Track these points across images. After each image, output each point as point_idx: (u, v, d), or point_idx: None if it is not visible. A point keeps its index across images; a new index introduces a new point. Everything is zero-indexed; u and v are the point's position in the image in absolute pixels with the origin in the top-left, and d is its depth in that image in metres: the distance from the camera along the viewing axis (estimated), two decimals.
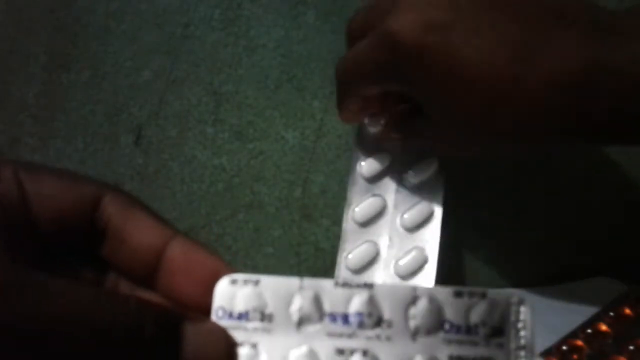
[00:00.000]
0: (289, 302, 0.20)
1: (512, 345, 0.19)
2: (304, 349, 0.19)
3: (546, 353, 0.33)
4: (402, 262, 0.37)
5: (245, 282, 0.20)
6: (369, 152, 0.39)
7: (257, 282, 0.20)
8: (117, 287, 0.22)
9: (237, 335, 0.20)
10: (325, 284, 0.20)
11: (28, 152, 0.41)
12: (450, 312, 0.19)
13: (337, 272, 0.38)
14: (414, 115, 0.35)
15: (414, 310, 0.19)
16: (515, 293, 0.19)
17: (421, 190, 0.38)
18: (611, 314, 0.35)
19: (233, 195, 0.42)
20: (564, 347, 0.34)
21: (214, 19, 0.41)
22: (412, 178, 0.38)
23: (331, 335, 0.19)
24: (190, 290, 0.21)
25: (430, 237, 0.38)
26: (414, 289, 0.19)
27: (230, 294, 0.20)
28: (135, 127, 0.41)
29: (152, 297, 0.21)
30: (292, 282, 0.20)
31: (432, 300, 0.19)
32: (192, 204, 0.42)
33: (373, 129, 0.38)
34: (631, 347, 0.33)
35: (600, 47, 0.27)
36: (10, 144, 0.41)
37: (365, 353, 0.19)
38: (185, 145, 0.41)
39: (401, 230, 0.38)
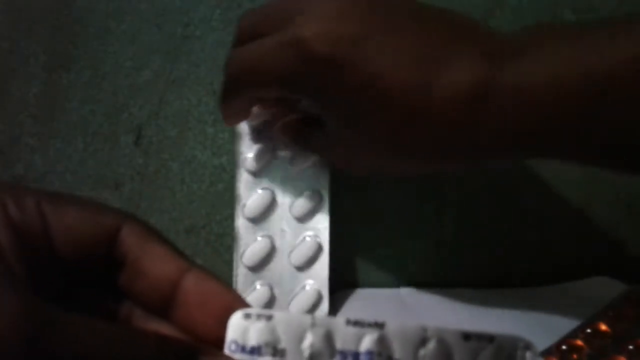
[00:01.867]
0: (301, 338, 0.20)
1: None
2: None
3: (546, 352, 0.33)
4: (296, 252, 0.38)
5: (259, 316, 0.20)
6: (251, 145, 0.38)
7: (270, 317, 0.20)
8: (131, 316, 0.22)
9: None
10: (337, 322, 0.20)
11: (28, 152, 0.41)
12: (459, 355, 0.19)
13: (234, 271, 0.38)
14: (309, 125, 0.34)
15: (423, 351, 0.19)
16: (521, 338, 0.19)
17: (307, 177, 0.38)
18: (611, 314, 0.35)
19: (233, 195, 0.42)
20: (564, 347, 0.34)
21: (214, 19, 0.41)
22: (297, 165, 0.38)
23: None
24: (204, 323, 0.21)
25: (322, 224, 0.38)
26: (424, 329, 0.20)
27: (244, 328, 0.20)
28: (135, 127, 0.41)
29: (165, 327, 0.22)
30: (305, 318, 0.20)
31: (442, 342, 0.19)
32: (192, 204, 0.42)
33: (253, 123, 0.38)
34: (631, 347, 0.33)
35: (493, 64, 0.27)
36: (10, 144, 0.41)
37: None
38: (185, 145, 0.41)
39: (292, 220, 0.38)
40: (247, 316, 0.20)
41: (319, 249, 0.38)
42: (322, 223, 0.38)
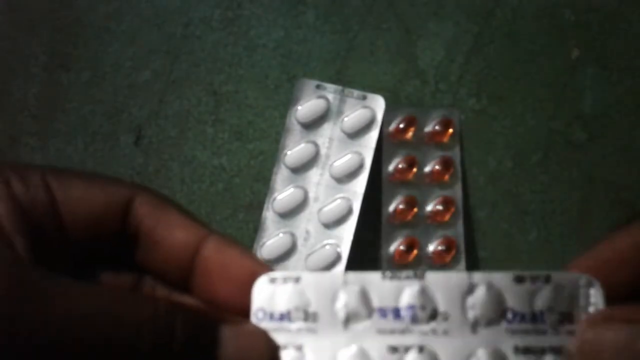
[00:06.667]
0: (333, 299, 0.18)
1: None
2: (353, 348, 0.18)
3: None
4: (314, 256, 0.39)
5: (285, 279, 0.19)
6: (296, 142, 0.39)
7: (297, 279, 0.19)
8: (153, 293, 0.21)
9: (280, 337, 0.18)
10: (372, 277, 0.18)
11: (28, 152, 0.41)
12: (512, 300, 0.18)
13: None
14: None
15: (471, 299, 0.18)
16: (582, 275, 0.18)
17: (343, 186, 0.39)
18: None
19: (233, 195, 0.42)
20: None
21: (214, 19, 0.41)
22: (336, 172, 0.39)
23: (382, 332, 0.18)
24: (226, 291, 0.20)
25: (346, 235, 0.39)
26: (470, 276, 0.18)
27: (270, 294, 0.19)
28: (135, 127, 0.41)
29: (189, 301, 0.20)
30: (336, 277, 0.18)
31: (491, 287, 0.18)
32: (192, 204, 0.42)
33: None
34: None
35: None
36: (11, 144, 0.41)
37: (421, 349, 0.18)
38: (185, 145, 0.41)
39: (318, 224, 0.39)
40: (273, 280, 0.19)
41: (337, 258, 0.38)
42: (346, 234, 0.39)
